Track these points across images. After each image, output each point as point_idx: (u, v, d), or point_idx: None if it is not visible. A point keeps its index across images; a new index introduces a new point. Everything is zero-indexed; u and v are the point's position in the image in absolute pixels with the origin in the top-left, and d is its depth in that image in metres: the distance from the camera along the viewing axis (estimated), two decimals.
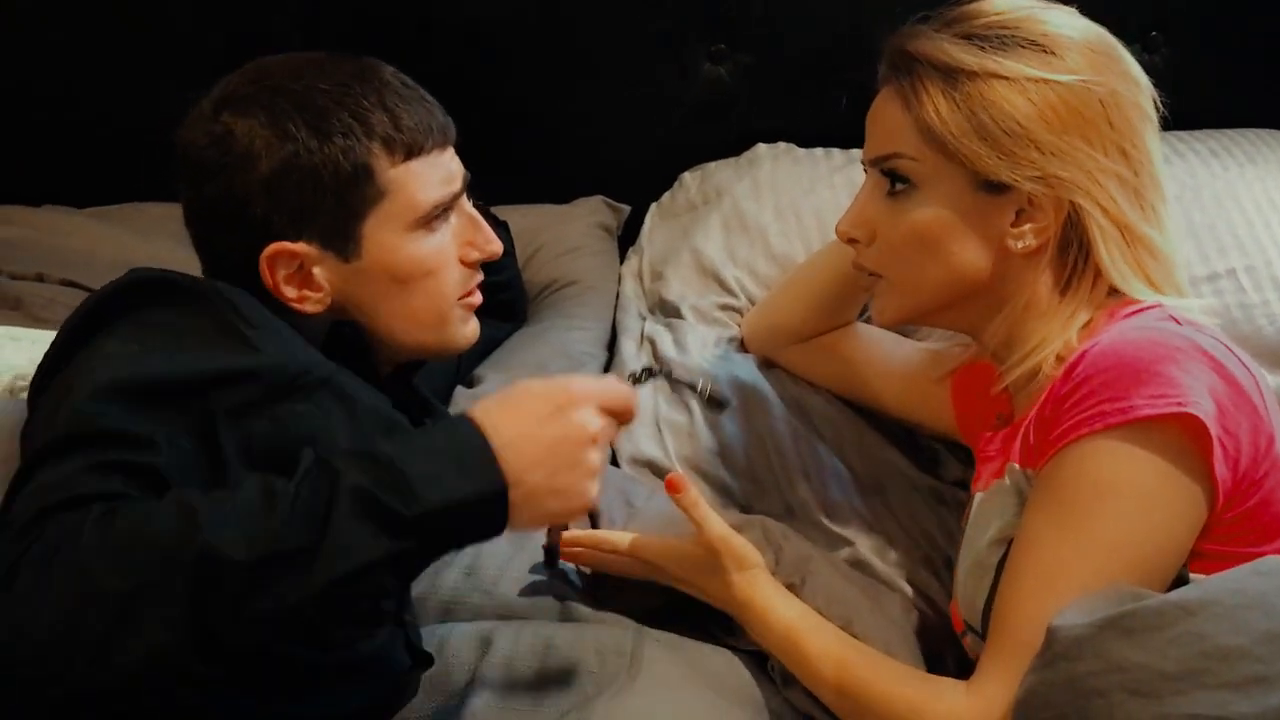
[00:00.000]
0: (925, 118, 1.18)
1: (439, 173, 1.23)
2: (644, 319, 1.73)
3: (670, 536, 1.30)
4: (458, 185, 1.25)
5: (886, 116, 1.23)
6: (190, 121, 1.21)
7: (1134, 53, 1.84)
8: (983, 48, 1.18)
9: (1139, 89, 1.22)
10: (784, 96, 1.95)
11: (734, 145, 1.92)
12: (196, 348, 1.07)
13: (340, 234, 1.20)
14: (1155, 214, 1.21)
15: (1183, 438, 1.07)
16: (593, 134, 1.99)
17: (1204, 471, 1.08)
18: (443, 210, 1.24)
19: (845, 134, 1.82)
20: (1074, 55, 1.18)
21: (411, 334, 1.26)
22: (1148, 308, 1.18)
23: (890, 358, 1.52)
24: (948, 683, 1.17)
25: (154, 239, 1.82)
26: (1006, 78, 1.16)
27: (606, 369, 1.68)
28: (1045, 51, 1.18)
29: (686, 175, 1.93)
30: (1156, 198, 1.21)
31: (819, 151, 1.86)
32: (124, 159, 1.95)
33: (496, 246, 1.29)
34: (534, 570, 1.33)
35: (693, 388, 1.55)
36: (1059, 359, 1.17)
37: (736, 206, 1.78)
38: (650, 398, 1.58)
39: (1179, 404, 1.06)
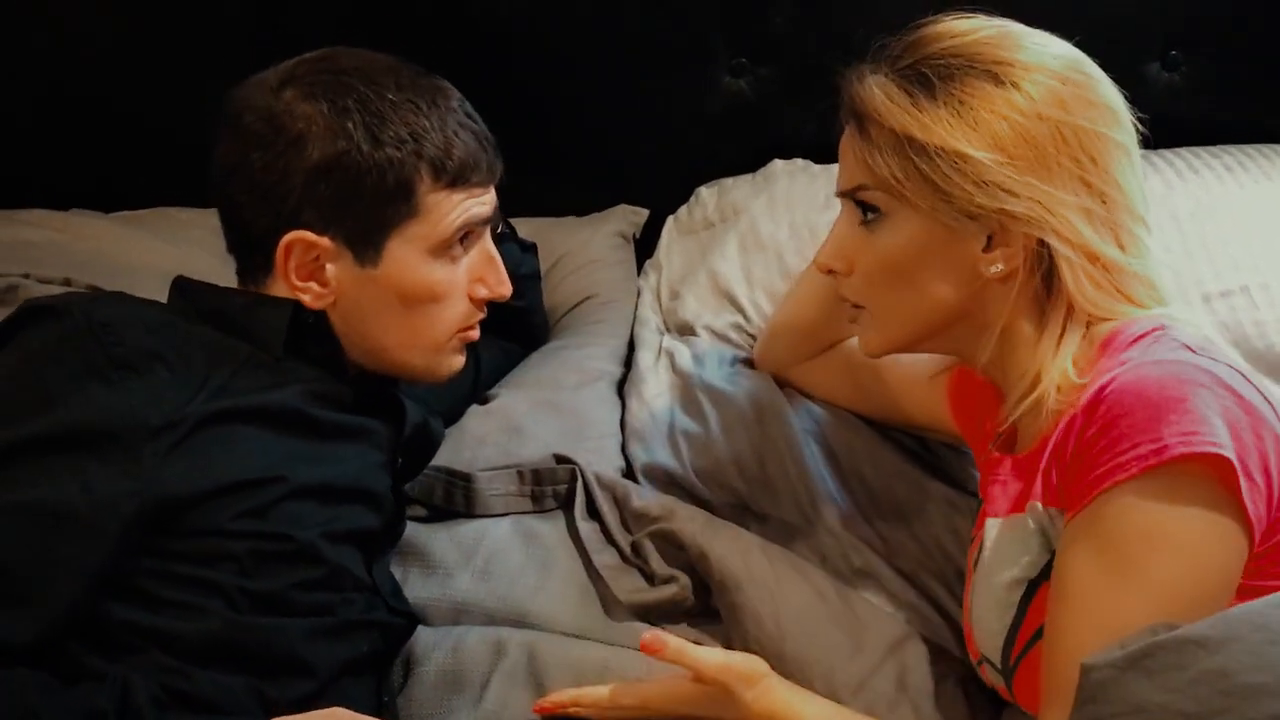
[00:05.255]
0: (880, 162, 1.17)
1: (473, 206, 1.25)
2: (662, 334, 1.74)
3: (669, 678, 1.23)
4: (486, 215, 1.27)
5: (850, 149, 1.23)
6: (251, 87, 1.23)
7: (1152, 71, 1.90)
8: (930, 84, 1.16)
9: (1109, 116, 1.18)
10: (804, 110, 1.95)
11: (754, 156, 1.93)
12: (56, 384, 1.09)
13: (365, 239, 1.22)
14: (1135, 241, 1.18)
15: (1214, 477, 1.05)
16: (614, 143, 2.00)
17: (1238, 507, 1.06)
18: (464, 240, 1.26)
19: None
20: (1033, 86, 1.15)
21: (400, 352, 1.27)
22: (1151, 330, 1.15)
23: (894, 365, 1.52)
24: None
25: (180, 244, 1.84)
26: (954, 119, 1.15)
27: (622, 383, 1.69)
28: (1001, 83, 1.15)
29: (703, 190, 1.93)
30: (1135, 224, 1.18)
31: (834, 168, 1.85)
32: (151, 163, 1.97)
33: (506, 289, 1.30)
34: (548, 580, 1.34)
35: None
36: (1060, 389, 1.15)
37: (753, 225, 1.79)
38: (667, 409, 1.59)
39: (1212, 444, 1.04)
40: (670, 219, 1.93)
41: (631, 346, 1.75)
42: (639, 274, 1.91)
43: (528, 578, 1.34)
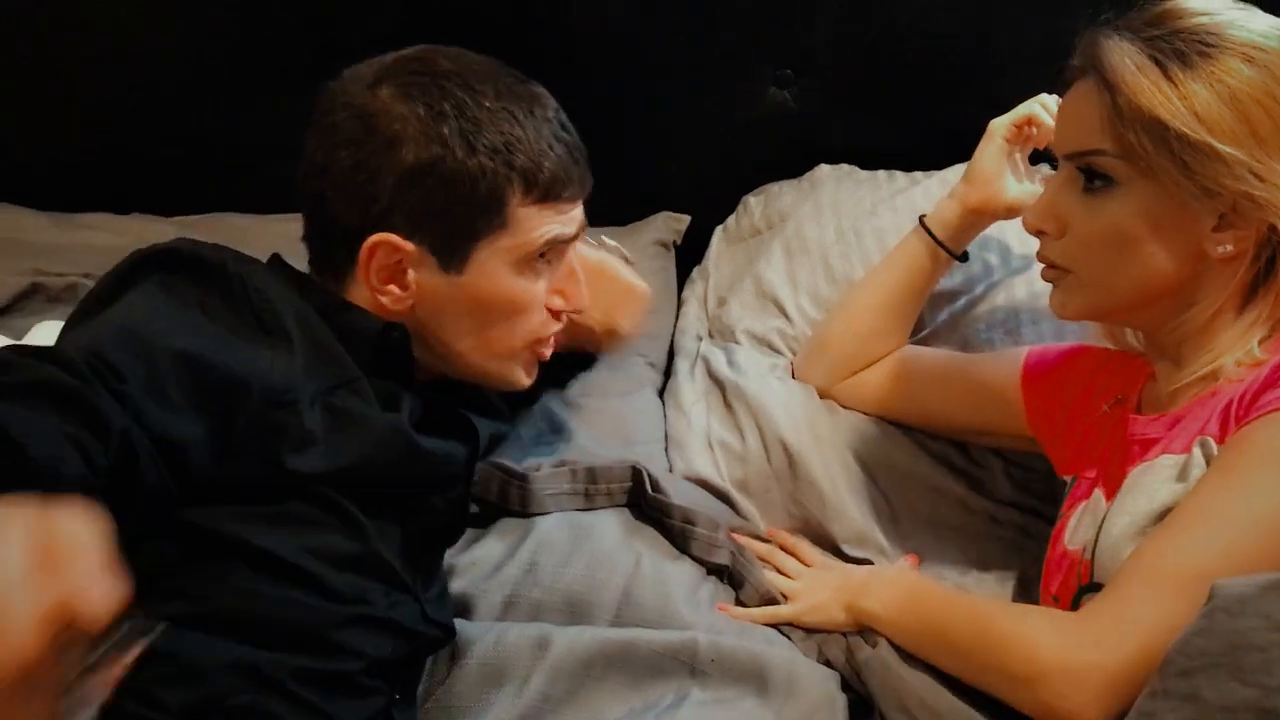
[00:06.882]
0: (1128, 133, 1.15)
1: (561, 220, 1.23)
2: (700, 341, 1.75)
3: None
4: (572, 233, 1.25)
5: (1087, 112, 1.20)
6: (345, 82, 1.20)
7: None
8: (1187, 59, 1.15)
9: None
10: (847, 120, 1.96)
11: (798, 166, 1.93)
12: (214, 333, 1.06)
13: (451, 247, 1.20)
14: None
15: None
16: (660, 153, 2.01)
17: None
18: (547, 253, 1.24)
19: (908, 156, 1.86)
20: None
21: (474, 359, 1.26)
22: None
23: (948, 372, 1.53)
24: (1039, 614, 1.17)
25: (237, 249, 1.87)
26: (1211, 97, 1.13)
27: (662, 390, 1.70)
28: (1257, 66, 1.14)
29: (750, 198, 1.94)
30: None
31: (881, 174, 1.88)
32: (212, 169, 2.00)
33: (584, 303, 1.29)
34: (596, 570, 1.35)
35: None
36: (1238, 363, 1.17)
37: (799, 229, 1.79)
38: (703, 417, 1.59)
39: None
40: (719, 229, 1.93)
41: (672, 354, 1.76)
42: (680, 280, 1.91)
43: (574, 568, 1.34)
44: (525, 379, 1.30)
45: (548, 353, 1.30)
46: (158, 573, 1.06)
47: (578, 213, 1.26)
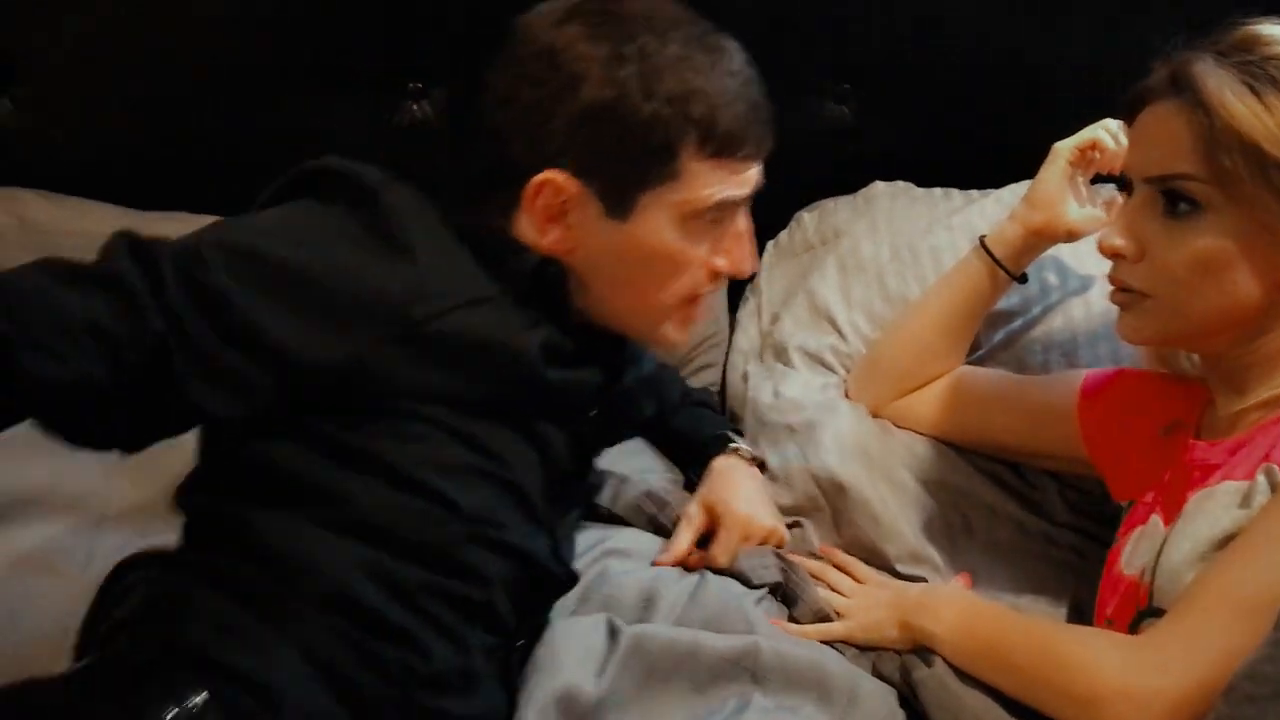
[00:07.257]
0: (1222, 158, 1.15)
1: (735, 179, 1.20)
2: (748, 364, 1.75)
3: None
4: (744, 195, 1.22)
5: (1171, 135, 1.19)
6: (537, 16, 1.20)
7: None
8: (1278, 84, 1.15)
9: None
10: (905, 137, 1.97)
11: (854, 182, 1.94)
12: (337, 257, 1.10)
13: (618, 193, 1.18)
14: None
15: None
16: None
17: None
18: (718, 213, 1.21)
19: (961, 174, 1.87)
20: None
21: (624, 311, 1.25)
22: None
23: (1005, 394, 1.53)
24: (1102, 636, 1.18)
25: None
26: None
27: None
28: None
29: (804, 214, 1.94)
30: None
31: (937, 192, 1.88)
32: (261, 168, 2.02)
33: (748, 267, 1.26)
34: (663, 571, 1.37)
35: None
36: None
37: (854, 246, 1.80)
38: (750, 442, 1.59)
39: None
40: (770, 244, 1.94)
41: (724, 386, 1.79)
42: (736, 298, 1.92)
43: (645, 569, 1.36)
44: (677, 337, 1.28)
45: (699, 312, 1.28)
46: (298, 473, 1.11)
47: (753, 173, 1.23)
